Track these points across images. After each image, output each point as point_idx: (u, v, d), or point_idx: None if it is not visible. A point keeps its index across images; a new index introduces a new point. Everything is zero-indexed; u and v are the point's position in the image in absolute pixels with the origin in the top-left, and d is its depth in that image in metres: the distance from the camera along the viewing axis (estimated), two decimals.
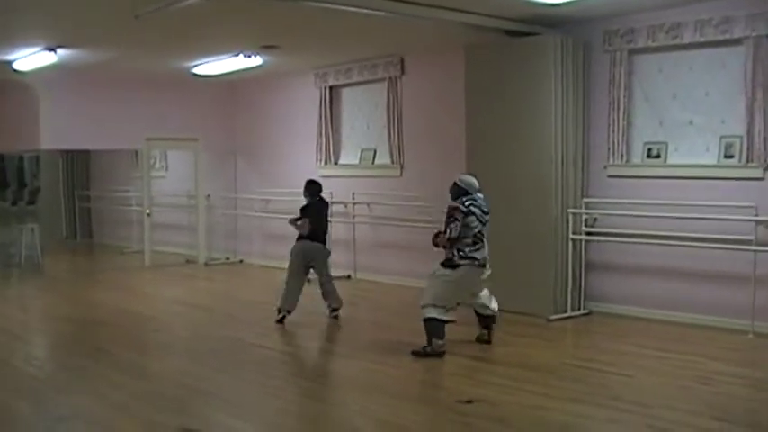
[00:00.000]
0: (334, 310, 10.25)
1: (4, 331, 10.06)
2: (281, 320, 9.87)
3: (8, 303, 12.64)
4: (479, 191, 8.43)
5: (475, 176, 8.56)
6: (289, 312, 9.90)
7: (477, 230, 8.25)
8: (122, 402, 6.80)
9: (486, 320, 8.78)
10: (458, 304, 8.42)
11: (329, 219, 10.81)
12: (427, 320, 8.24)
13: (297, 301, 9.98)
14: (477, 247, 8.27)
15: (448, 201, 8.52)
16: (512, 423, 6.14)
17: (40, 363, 8.64)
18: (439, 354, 8.13)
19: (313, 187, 10.37)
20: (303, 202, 10.31)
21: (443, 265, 8.36)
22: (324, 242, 10.28)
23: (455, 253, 8.26)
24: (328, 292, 10.26)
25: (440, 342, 8.19)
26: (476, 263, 8.28)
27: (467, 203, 8.26)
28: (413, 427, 6.13)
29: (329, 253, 10.54)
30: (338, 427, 6.35)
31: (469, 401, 6.59)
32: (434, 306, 8.21)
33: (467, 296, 8.56)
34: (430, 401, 6.74)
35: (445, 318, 8.24)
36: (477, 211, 8.25)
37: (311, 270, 10.21)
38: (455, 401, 6.62)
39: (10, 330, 10.17)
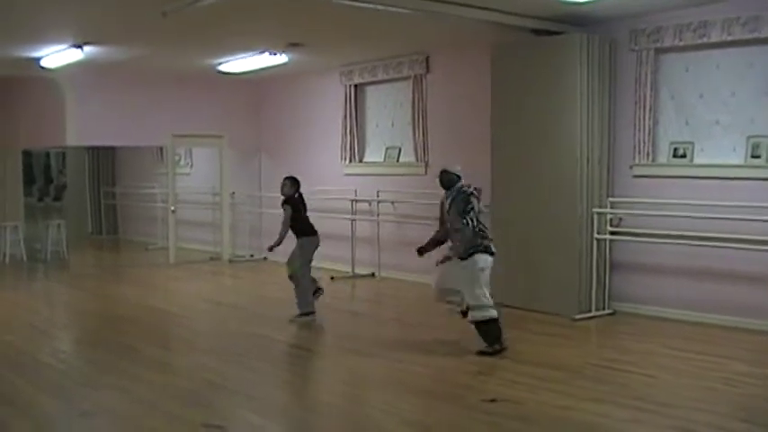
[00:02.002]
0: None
1: (30, 326, 10.13)
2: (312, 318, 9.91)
3: (34, 299, 12.74)
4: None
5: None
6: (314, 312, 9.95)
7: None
8: (146, 397, 6.84)
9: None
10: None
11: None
12: (488, 322, 8.19)
13: None
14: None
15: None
16: (536, 422, 6.12)
17: (66, 358, 8.69)
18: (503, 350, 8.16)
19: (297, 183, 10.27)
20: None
21: (480, 252, 8.27)
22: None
23: (483, 237, 8.27)
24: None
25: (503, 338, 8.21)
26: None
27: (471, 188, 8.32)
28: (437, 426, 6.13)
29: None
30: (362, 425, 6.35)
31: (493, 400, 6.58)
32: (490, 305, 8.19)
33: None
34: (454, 400, 6.72)
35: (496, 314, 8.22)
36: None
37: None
38: (479, 400, 6.60)
39: (36, 325, 10.24)
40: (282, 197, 10.11)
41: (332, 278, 13.28)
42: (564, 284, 10.02)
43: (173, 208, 15.73)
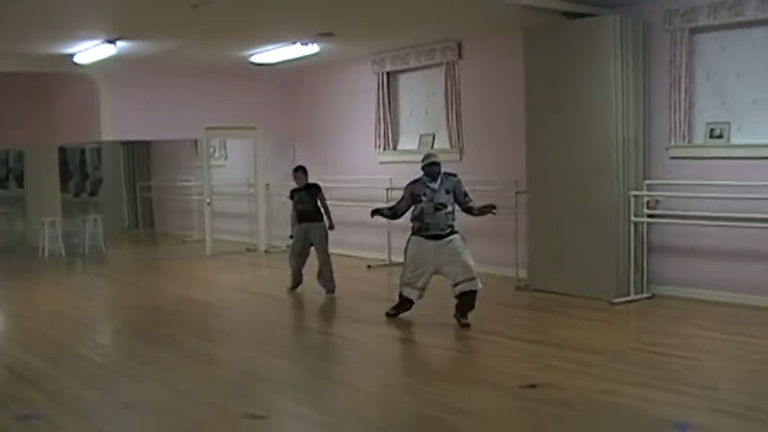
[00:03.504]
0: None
1: (70, 320, 10.22)
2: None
3: (74, 293, 12.84)
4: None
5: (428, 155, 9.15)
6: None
7: None
8: (187, 389, 6.87)
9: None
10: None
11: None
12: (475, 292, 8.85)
13: None
14: None
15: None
16: (577, 407, 6.10)
17: (107, 350, 8.76)
18: None
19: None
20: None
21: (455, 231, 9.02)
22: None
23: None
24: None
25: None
26: None
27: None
28: (477, 413, 6.12)
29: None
30: (403, 412, 6.36)
31: (533, 386, 6.57)
32: None
33: None
34: (494, 386, 6.71)
35: None
36: None
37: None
38: (518, 386, 6.59)
39: (77, 319, 10.32)
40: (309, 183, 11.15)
41: (368, 266, 13.30)
42: (601, 268, 9.97)
43: (208, 200, 15.81)
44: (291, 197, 11.31)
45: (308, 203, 11.10)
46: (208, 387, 6.91)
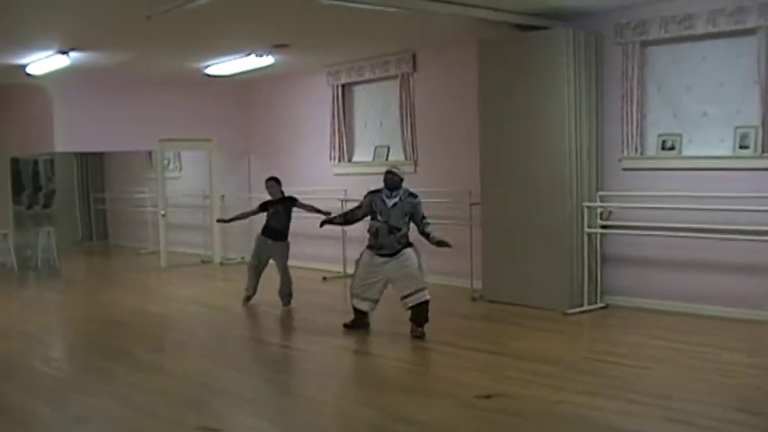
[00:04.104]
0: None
1: (22, 333, 10.11)
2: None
3: (26, 306, 12.70)
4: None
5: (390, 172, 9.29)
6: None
7: None
8: (142, 402, 6.82)
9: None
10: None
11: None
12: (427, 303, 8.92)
13: None
14: None
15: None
16: (531, 417, 6.13)
17: (59, 364, 8.68)
18: None
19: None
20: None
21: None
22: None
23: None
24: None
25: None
26: None
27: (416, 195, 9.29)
28: (432, 424, 6.12)
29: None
30: (358, 423, 6.36)
31: (488, 396, 6.59)
32: None
33: None
34: (449, 397, 6.72)
35: None
36: None
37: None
38: (473, 397, 6.61)
39: (29, 332, 10.22)
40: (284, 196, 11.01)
41: (324, 278, 13.29)
42: (555, 279, 10.04)
43: (163, 212, 15.72)
44: (264, 209, 11.08)
45: (283, 221, 10.93)
46: (163, 400, 6.87)
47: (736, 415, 6.03)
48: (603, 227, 10.15)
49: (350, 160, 14.20)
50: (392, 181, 9.05)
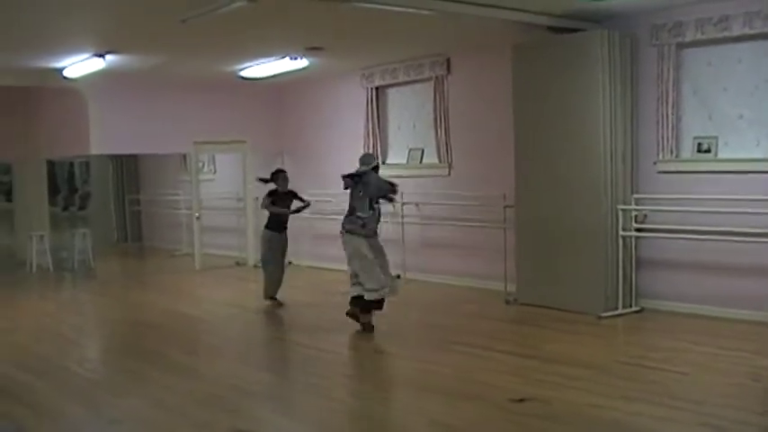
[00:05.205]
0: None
1: (57, 334, 10.19)
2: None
3: (62, 307, 12.79)
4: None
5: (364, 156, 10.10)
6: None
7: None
8: (174, 404, 6.86)
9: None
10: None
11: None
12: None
13: None
14: None
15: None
16: (565, 422, 6.10)
17: (93, 365, 8.74)
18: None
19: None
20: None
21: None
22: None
23: None
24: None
25: None
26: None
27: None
28: (465, 427, 6.11)
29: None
30: (389, 426, 6.36)
31: (522, 400, 6.56)
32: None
33: None
34: (481, 400, 6.70)
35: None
36: None
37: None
38: (507, 400, 6.59)
39: (64, 334, 10.29)
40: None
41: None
42: (590, 282, 9.97)
43: (197, 214, 15.78)
44: (273, 202, 11.44)
45: (286, 213, 11.51)
46: (194, 402, 6.89)
47: None
48: (638, 230, 10.08)
49: (384, 162, 14.17)
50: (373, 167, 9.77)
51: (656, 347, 8.42)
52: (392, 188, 9.66)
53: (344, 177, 9.68)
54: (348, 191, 9.68)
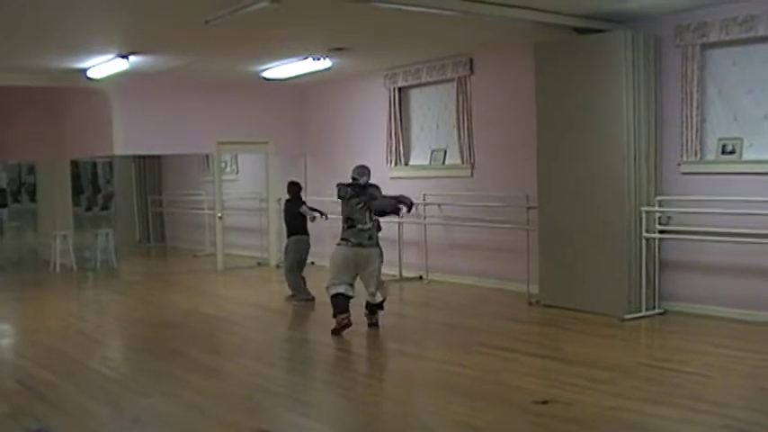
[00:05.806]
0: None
1: (81, 334, 10.23)
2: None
3: (85, 307, 12.86)
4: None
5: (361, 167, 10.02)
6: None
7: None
8: (197, 403, 6.87)
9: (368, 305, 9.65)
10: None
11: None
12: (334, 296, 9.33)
13: None
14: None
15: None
16: (587, 424, 6.07)
17: (116, 365, 8.75)
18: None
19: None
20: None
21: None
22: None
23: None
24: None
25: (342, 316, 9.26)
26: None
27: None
28: (488, 428, 6.09)
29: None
30: (411, 427, 6.33)
31: (545, 402, 6.54)
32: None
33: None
34: (504, 402, 6.68)
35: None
36: None
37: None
38: (530, 402, 6.56)
39: (87, 333, 10.34)
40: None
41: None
42: (613, 284, 9.93)
43: (219, 215, 15.82)
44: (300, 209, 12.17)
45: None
46: (218, 402, 6.89)
47: None
48: (662, 232, 10.04)
49: (406, 163, 14.19)
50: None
51: (679, 350, 8.39)
52: (395, 205, 9.55)
53: (342, 186, 9.60)
54: (340, 200, 9.62)
